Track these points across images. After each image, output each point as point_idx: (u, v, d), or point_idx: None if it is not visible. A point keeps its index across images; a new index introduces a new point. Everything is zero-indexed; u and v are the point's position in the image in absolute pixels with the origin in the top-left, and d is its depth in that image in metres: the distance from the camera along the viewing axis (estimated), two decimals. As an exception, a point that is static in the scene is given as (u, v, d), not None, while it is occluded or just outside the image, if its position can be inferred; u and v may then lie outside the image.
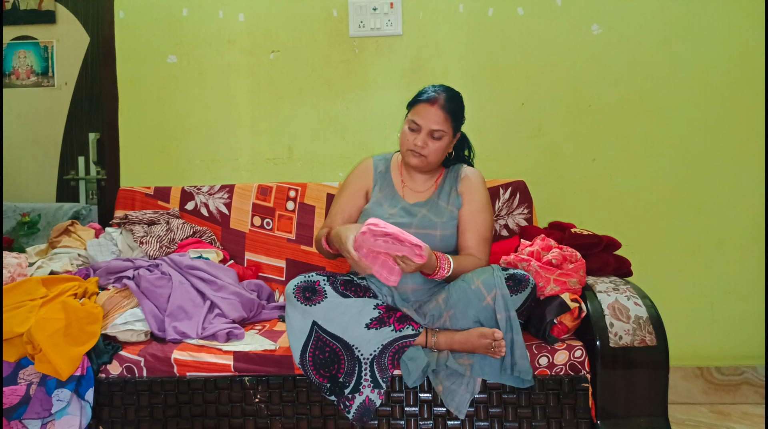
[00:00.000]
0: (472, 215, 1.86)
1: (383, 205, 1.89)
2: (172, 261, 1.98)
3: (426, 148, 1.79)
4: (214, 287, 1.94)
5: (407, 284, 1.79)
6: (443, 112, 1.78)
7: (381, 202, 1.90)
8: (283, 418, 1.70)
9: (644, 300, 1.71)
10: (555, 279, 1.73)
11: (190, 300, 1.86)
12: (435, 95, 1.79)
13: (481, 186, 1.91)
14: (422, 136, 1.79)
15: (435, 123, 1.78)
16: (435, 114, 1.77)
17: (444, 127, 1.79)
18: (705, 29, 2.41)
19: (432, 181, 1.93)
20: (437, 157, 1.82)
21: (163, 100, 2.56)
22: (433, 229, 1.83)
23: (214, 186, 2.42)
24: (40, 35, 2.98)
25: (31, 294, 1.75)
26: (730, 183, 2.42)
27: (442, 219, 1.85)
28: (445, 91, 1.81)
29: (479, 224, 1.86)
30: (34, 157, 3.00)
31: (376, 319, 1.65)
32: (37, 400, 1.61)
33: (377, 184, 1.94)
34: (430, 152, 1.80)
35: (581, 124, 2.46)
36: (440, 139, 1.80)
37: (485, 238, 1.86)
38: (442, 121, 1.78)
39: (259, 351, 1.72)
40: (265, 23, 2.52)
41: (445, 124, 1.79)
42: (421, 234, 1.80)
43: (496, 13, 2.46)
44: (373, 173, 1.96)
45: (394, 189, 1.93)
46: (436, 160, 1.84)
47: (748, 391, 2.40)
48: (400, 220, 1.84)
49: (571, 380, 1.66)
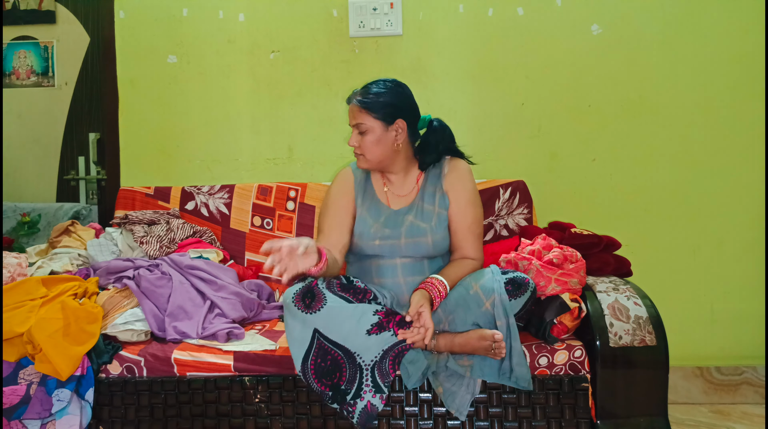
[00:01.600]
0: (462, 213, 1.82)
1: (367, 221, 1.84)
2: (172, 261, 1.98)
3: (360, 147, 1.81)
4: (214, 287, 1.94)
5: (405, 295, 1.79)
6: (357, 107, 1.79)
7: (365, 218, 1.84)
8: (283, 418, 1.70)
9: (644, 300, 1.71)
10: (556, 279, 1.73)
11: (190, 300, 1.86)
12: (351, 95, 1.83)
13: (465, 179, 1.85)
14: (354, 135, 1.82)
15: (353, 119, 1.80)
16: (351, 111, 1.81)
17: (363, 119, 1.78)
18: (705, 29, 2.41)
19: (413, 183, 1.88)
20: (374, 152, 1.80)
21: (163, 100, 2.56)
22: (424, 237, 1.80)
23: (214, 186, 2.42)
24: (40, 35, 2.98)
25: (31, 294, 1.75)
26: (730, 183, 2.42)
27: (430, 223, 1.81)
28: (365, 87, 1.82)
29: (470, 222, 1.83)
30: (34, 157, 3.00)
31: (376, 324, 1.63)
32: (37, 399, 1.61)
33: (359, 196, 1.88)
34: (364, 149, 1.80)
35: (581, 124, 2.46)
36: (366, 132, 1.78)
37: (477, 235, 1.84)
38: (359, 115, 1.78)
39: (259, 351, 1.72)
40: (265, 23, 2.52)
41: (365, 117, 1.78)
42: (412, 243, 1.79)
43: (496, 13, 2.46)
44: (353, 184, 1.90)
45: (376, 197, 1.88)
46: (376, 157, 1.80)
47: (747, 391, 2.40)
48: (388, 234, 1.80)
49: (571, 380, 1.66)
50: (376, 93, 1.79)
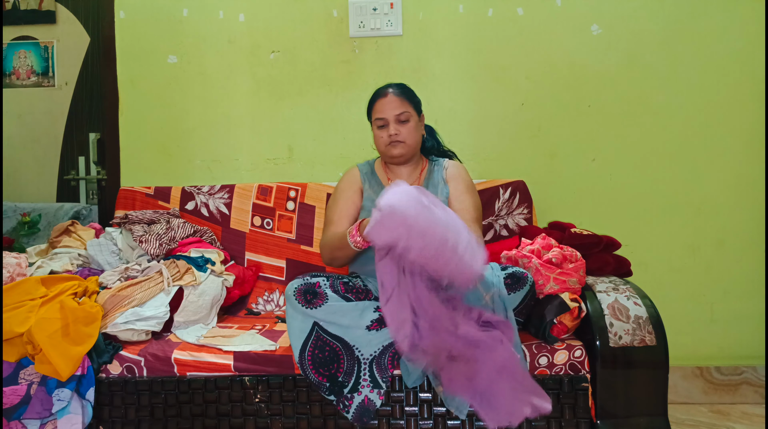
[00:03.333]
0: (460, 197, 1.93)
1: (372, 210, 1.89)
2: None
3: (401, 134, 1.89)
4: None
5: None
6: (398, 97, 1.90)
7: (373, 199, 1.92)
8: (283, 418, 1.70)
9: (644, 300, 1.71)
10: (555, 277, 1.73)
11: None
12: (383, 89, 1.93)
13: (464, 172, 2.00)
14: (392, 125, 1.89)
15: (396, 108, 1.89)
16: (392, 101, 1.89)
17: (406, 108, 1.89)
18: (705, 29, 2.41)
19: (416, 174, 2.00)
20: (414, 138, 1.92)
21: (164, 100, 2.56)
22: None
23: (214, 186, 2.42)
24: (41, 35, 2.98)
25: (30, 294, 1.75)
26: (730, 183, 2.43)
27: None
28: (391, 83, 1.95)
29: (468, 205, 1.91)
30: (34, 157, 3.00)
31: (377, 320, 1.65)
32: (37, 399, 1.61)
33: (366, 182, 2.01)
34: (405, 136, 1.90)
35: (581, 124, 2.46)
36: (408, 120, 1.90)
37: (475, 218, 1.90)
38: (401, 104, 1.89)
39: (259, 351, 1.72)
40: (265, 23, 2.52)
41: (406, 106, 1.90)
42: None
43: (496, 13, 2.46)
44: (360, 175, 2.04)
45: (382, 186, 1.98)
46: (415, 142, 1.93)
47: (747, 391, 2.40)
48: None
49: (571, 380, 1.66)
50: (406, 87, 1.94)
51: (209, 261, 2.06)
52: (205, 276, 1.98)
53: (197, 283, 1.93)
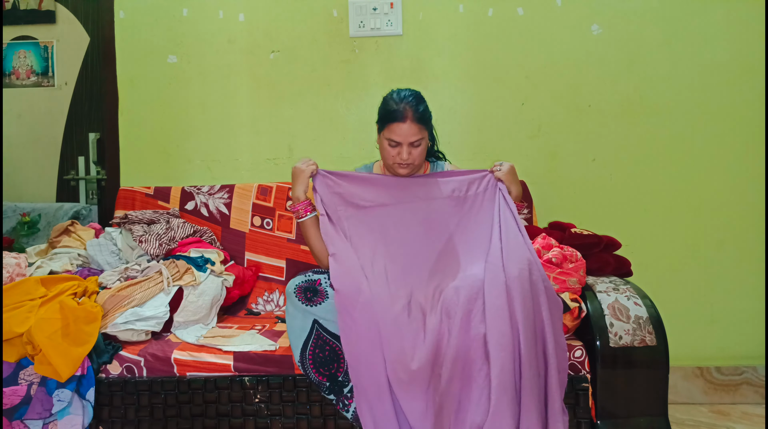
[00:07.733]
0: None
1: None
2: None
3: (410, 157, 1.83)
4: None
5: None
6: (416, 125, 1.80)
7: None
8: (283, 418, 1.70)
9: (644, 300, 1.71)
10: (555, 277, 1.73)
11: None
12: (403, 112, 1.78)
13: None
14: (404, 149, 1.81)
15: (412, 136, 1.80)
16: (409, 128, 1.79)
17: (421, 135, 1.82)
18: (705, 29, 2.41)
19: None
20: (422, 158, 1.88)
21: (163, 100, 2.56)
22: None
23: (214, 186, 2.42)
24: (40, 35, 2.97)
25: (30, 294, 1.74)
26: (730, 183, 2.42)
27: None
28: (409, 102, 1.80)
29: None
30: (34, 157, 2.99)
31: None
32: (38, 400, 1.61)
33: None
34: (414, 159, 1.84)
35: (581, 124, 2.46)
36: (420, 145, 1.83)
37: None
38: (418, 132, 1.80)
39: (259, 351, 1.72)
40: (265, 23, 2.52)
41: (422, 133, 1.82)
42: None
43: (496, 13, 2.46)
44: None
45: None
46: (422, 161, 1.89)
47: (747, 391, 2.40)
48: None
49: (571, 380, 1.66)
50: (422, 108, 1.82)
51: (209, 261, 2.05)
52: (205, 276, 1.98)
53: (197, 283, 1.93)
